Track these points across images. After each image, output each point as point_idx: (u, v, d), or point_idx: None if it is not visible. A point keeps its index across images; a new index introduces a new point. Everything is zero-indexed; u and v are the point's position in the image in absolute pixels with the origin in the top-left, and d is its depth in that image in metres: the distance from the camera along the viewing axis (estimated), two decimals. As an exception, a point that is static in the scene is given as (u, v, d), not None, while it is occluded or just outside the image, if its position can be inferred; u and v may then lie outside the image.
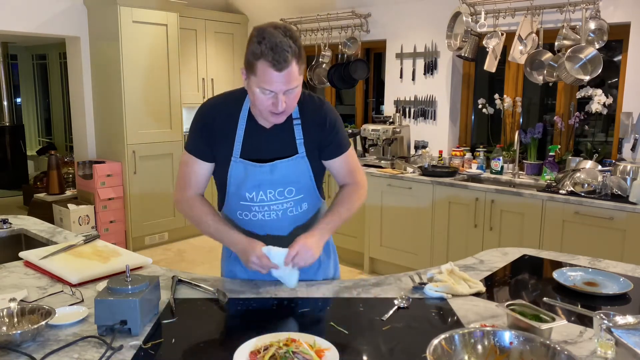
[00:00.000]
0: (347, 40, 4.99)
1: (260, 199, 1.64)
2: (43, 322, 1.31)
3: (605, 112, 3.68)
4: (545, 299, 1.59)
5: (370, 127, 4.53)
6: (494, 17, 4.00)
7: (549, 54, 3.75)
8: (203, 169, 1.67)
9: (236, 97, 1.64)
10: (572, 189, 3.34)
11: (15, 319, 1.38)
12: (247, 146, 1.63)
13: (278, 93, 1.46)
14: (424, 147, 4.55)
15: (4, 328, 1.37)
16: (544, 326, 1.23)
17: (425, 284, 1.64)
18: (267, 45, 1.40)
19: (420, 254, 4.06)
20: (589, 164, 3.57)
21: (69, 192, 5.29)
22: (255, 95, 1.50)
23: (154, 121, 4.99)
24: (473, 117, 4.63)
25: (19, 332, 1.27)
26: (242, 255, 1.58)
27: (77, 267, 1.76)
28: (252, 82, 1.49)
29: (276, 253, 1.53)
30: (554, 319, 1.27)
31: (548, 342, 1.13)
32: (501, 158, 4.09)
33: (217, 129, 1.63)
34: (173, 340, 1.31)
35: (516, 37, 3.78)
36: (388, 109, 4.91)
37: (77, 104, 5.21)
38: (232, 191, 1.66)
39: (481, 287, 1.64)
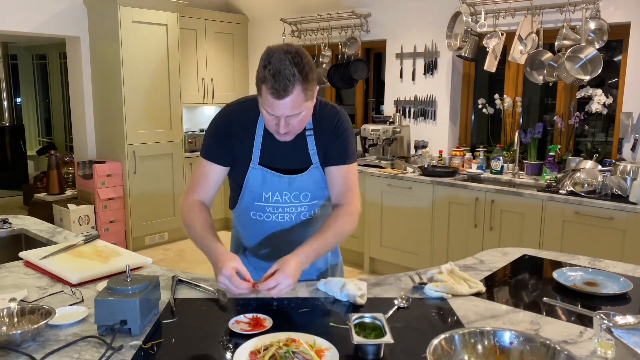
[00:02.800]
0: (347, 40, 4.99)
1: (276, 200, 1.65)
2: (43, 322, 1.31)
3: (605, 112, 3.68)
4: (545, 299, 1.59)
5: (370, 127, 4.53)
6: (494, 17, 4.00)
7: (549, 54, 3.75)
8: (215, 172, 1.65)
9: (255, 104, 1.59)
10: (572, 189, 3.34)
11: (15, 319, 1.38)
12: (265, 153, 1.63)
13: (280, 117, 1.46)
14: (424, 147, 4.55)
15: (4, 328, 1.37)
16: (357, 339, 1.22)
17: (425, 284, 1.64)
18: (270, 72, 1.39)
19: (420, 254, 4.06)
20: (589, 164, 3.57)
21: (69, 192, 5.29)
22: (262, 114, 1.51)
23: (154, 121, 4.99)
24: (473, 117, 4.63)
25: (19, 332, 1.26)
26: (214, 267, 1.50)
27: (77, 267, 1.76)
28: (260, 102, 1.49)
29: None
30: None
31: (548, 342, 1.13)
32: (501, 158, 4.09)
33: (235, 133, 1.63)
34: (173, 340, 1.31)
35: (516, 37, 3.78)
36: (388, 109, 4.91)
37: (77, 104, 5.21)
38: (249, 192, 1.66)
39: (481, 287, 1.64)
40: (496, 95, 4.22)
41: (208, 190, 1.67)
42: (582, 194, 3.27)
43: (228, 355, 1.24)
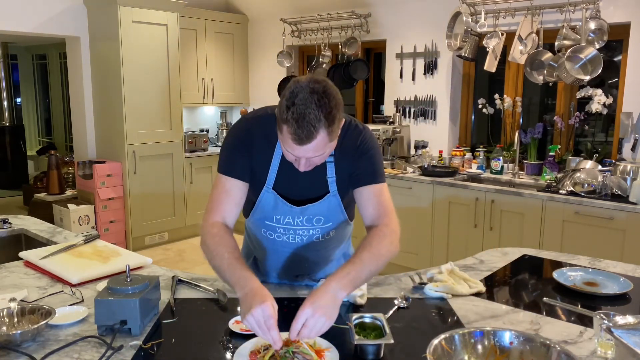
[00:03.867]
0: (347, 40, 4.99)
1: (287, 222, 1.56)
2: (43, 322, 1.31)
3: (605, 112, 3.68)
4: (545, 299, 1.59)
5: (370, 127, 4.52)
6: (494, 17, 4.00)
7: (549, 54, 3.75)
8: (237, 189, 1.50)
9: (274, 123, 1.39)
10: (572, 189, 3.34)
11: (16, 319, 1.38)
12: (280, 178, 1.52)
13: (300, 158, 1.35)
14: (424, 147, 4.55)
15: (4, 328, 1.37)
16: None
17: (425, 284, 1.64)
18: (294, 115, 1.25)
19: (420, 254, 4.06)
20: (589, 164, 3.57)
21: (69, 192, 5.29)
22: (282, 149, 1.38)
23: (154, 121, 4.99)
24: (473, 117, 4.63)
25: (19, 332, 1.27)
26: (245, 301, 1.25)
27: (77, 267, 1.76)
28: (280, 137, 1.34)
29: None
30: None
31: (548, 342, 1.13)
32: (501, 158, 4.09)
33: (256, 145, 1.50)
34: (173, 340, 1.31)
35: (516, 37, 3.78)
36: (388, 109, 4.91)
37: (77, 104, 5.21)
38: (260, 212, 1.58)
39: (481, 287, 1.64)
40: (496, 95, 4.22)
41: (232, 210, 1.50)
42: (582, 194, 3.27)
43: (228, 355, 1.24)
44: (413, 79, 4.68)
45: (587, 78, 3.49)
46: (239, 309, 1.38)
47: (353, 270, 1.31)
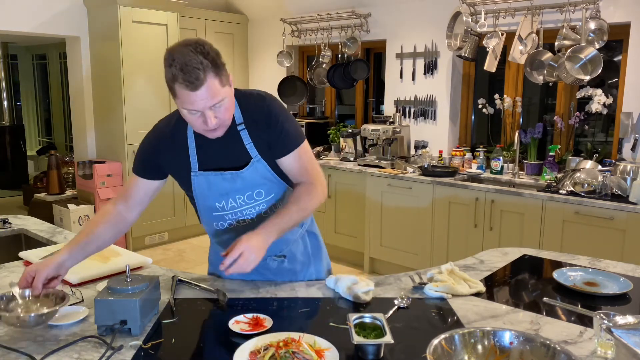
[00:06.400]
0: (347, 40, 4.99)
1: (231, 206, 1.61)
2: (57, 307, 1.33)
3: (605, 112, 3.68)
4: (545, 299, 1.59)
5: (370, 127, 4.53)
6: (494, 17, 4.00)
7: (549, 54, 3.75)
8: (139, 185, 1.65)
9: (179, 114, 1.54)
10: (572, 189, 3.34)
11: (29, 304, 1.41)
12: (202, 159, 1.59)
13: (204, 110, 1.39)
14: (424, 147, 4.55)
15: (19, 310, 1.39)
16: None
17: (425, 284, 1.64)
18: (177, 67, 1.34)
19: (420, 254, 4.06)
20: (589, 164, 3.57)
21: (69, 192, 5.29)
22: (185, 116, 1.45)
23: (154, 121, 4.94)
24: (473, 117, 4.63)
25: (32, 315, 1.28)
26: None
27: (77, 267, 1.75)
28: (178, 104, 1.43)
29: None
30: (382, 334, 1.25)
31: (548, 342, 1.13)
32: (501, 158, 4.09)
33: (165, 150, 1.60)
34: (173, 340, 1.31)
35: (516, 37, 3.78)
36: (388, 109, 4.91)
37: (77, 104, 5.21)
38: (201, 203, 1.63)
39: (481, 287, 1.64)
40: (496, 95, 4.22)
41: (129, 201, 1.66)
42: (582, 194, 3.27)
43: (228, 355, 1.24)
44: (413, 79, 4.68)
45: (587, 78, 3.49)
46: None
47: (282, 222, 1.51)
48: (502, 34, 3.95)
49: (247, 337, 1.29)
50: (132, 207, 1.67)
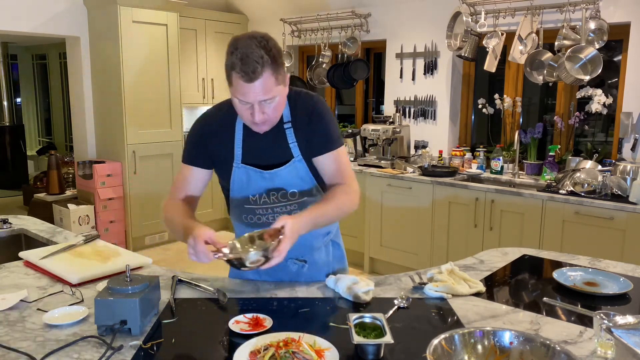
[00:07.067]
0: (347, 40, 4.99)
1: (264, 202, 1.63)
2: (274, 242, 1.36)
3: (605, 112, 3.68)
4: (545, 299, 1.59)
5: (370, 127, 4.53)
6: (494, 17, 4.00)
7: (549, 54, 3.75)
8: (194, 176, 1.66)
9: (230, 104, 1.56)
10: (572, 189, 3.34)
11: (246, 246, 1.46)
12: (246, 151, 1.61)
13: (253, 103, 1.43)
14: (424, 147, 4.55)
15: (238, 245, 1.47)
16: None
17: (425, 284, 1.64)
18: (238, 57, 1.38)
19: (420, 254, 4.06)
20: (589, 164, 3.57)
21: (69, 192, 5.29)
22: (235, 105, 1.49)
23: (154, 121, 4.99)
24: (473, 117, 4.63)
25: (253, 251, 1.36)
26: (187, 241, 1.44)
27: (77, 267, 1.76)
28: (231, 92, 1.47)
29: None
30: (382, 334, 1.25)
31: (548, 342, 1.13)
32: (501, 158, 4.09)
33: (213, 134, 1.63)
34: (173, 340, 1.31)
35: (516, 37, 3.78)
36: (388, 109, 4.91)
37: (77, 104, 5.21)
38: (236, 194, 1.65)
39: (481, 287, 1.64)
40: (496, 95, 4.22)
41: (188, 194, 1.68)
42: (582, 194, 3.27)
43: (228, 355, 1.24)
44: (413, 79, 4.68)
45: (587, 78, 3.49)
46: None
47: (317, 215, 1.49)
48: (502, 34, 3.95)
49: (247, 337, 1.29)
50: (186, 201, 1.67)
